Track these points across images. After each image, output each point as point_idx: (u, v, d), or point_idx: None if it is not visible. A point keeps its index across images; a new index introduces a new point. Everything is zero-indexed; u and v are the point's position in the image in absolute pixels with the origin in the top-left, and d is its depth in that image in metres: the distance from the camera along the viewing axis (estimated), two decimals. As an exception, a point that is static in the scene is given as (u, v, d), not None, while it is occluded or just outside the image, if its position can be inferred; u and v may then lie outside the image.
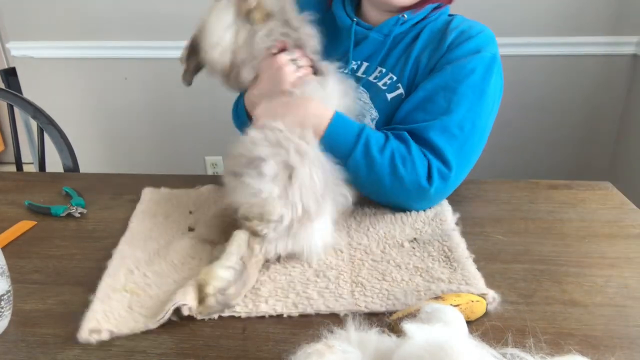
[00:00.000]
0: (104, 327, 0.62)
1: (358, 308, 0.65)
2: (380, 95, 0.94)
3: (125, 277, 0.72)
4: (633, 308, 0.66)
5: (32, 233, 0.86)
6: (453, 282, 0.69)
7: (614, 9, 1.89)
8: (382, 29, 0.95)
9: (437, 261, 0.75)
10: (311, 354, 0.45)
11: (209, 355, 0.58)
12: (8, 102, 1.33)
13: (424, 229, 0.83)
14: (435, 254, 0.77)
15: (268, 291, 0.69)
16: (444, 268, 0.73)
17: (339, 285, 0.70)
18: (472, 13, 1.00)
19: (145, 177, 1.08)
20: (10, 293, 0.62)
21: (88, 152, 2.26)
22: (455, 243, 0.78)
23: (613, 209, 0.92)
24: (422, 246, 0.79)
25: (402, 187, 0.83)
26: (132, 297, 0.68)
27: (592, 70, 1.98)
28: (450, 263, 0.74)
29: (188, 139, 2.24)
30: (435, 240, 0.80)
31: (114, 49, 2.11)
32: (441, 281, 0.70)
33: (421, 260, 0.75)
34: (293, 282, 0.70)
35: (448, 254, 0.76)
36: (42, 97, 1.92)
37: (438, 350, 0.42)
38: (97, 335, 0.61)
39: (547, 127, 2.07)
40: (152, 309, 0.65)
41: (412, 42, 0.95)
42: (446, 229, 0.83)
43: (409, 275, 0.72)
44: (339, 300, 0.67)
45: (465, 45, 0.88)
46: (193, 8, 2.01)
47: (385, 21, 0.95)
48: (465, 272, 0.71)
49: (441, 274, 0.71)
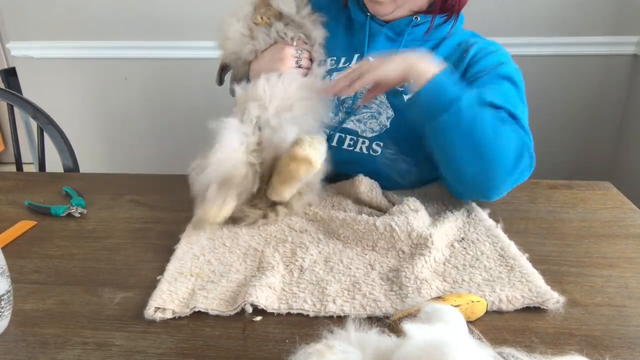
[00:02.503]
0: (168, 306, 0.65)
1: None
2: (398, 96, 0.95)
3: (192, 262, 0.76)
4: (633, 308, 0.66)
5: (32, 233, 0.86)
6: (514, 283, 0.69)
7: (614, 9, 1.89)
8: (394, 26, 0.98)
9: (493, 260, 0.75)
10: (311, 354, 0.45)
11: (209, 355, 0.58)
12: (8, 102, 1.33)
13: (467, 228, 0.83)
14: (488, 252, 0.76)
15: (335, 291, 0.68)
16: (500, 267, 0.73)
17: (403, 285, 0.69)
18: (473, 13, 1.00)
19: (145, 177, 1.08)
20: (10, 293, 0.62)
21: (88, 152, 2.26)
22: (505, 241, 0.79)
23: (613, 209, 0.92)
24: (473, 245, 0.79)
25: (502, 146, 0.78)
26: (196, 280, 0.72)
27: (592, 70, 1.98)
28: (506, 261, 0.74)
29: (188, 139, 2.24)
30: (483, 239, 0.80)
31: (114, 49, 2.11)
32: (500, 280, 0.69)
33: (476, 259, 0.75)
34: (358, 284, 0.70)
35: (501, 252, 0.76)
36: (42, 97, 1.92)
37: (438, 351, 0.42)
38: (161, 314, 0.64)
39: (547, 127, 2.07)
40: (212, 292, 0.68)
41: (432, 50, 0.96)
42: (489, 226, 0.83)
43: (469, 275, 0.71)
44: (405, 300, 0.66)
45: (489, 58, 0.91)
46: (193, 8, 2.01)
47: (397, 20, 0.97)
48: (524, 270, 0.71)
49: (499, 273, 0.71)
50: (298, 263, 0.75)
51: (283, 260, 0.76)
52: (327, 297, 0.67)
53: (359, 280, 0.71)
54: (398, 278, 0.71)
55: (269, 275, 0.70)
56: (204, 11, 2.01)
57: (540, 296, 0.66)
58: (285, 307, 0.65)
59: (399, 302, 0.66)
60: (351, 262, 0.75)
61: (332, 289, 0.68)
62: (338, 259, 0.76)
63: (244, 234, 0.84)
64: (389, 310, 0.64)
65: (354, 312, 0.64)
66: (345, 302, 0.66)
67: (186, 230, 0.84)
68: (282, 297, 0.67)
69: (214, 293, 0.68)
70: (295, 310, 0.65)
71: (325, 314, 0.64)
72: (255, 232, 0.84)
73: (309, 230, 0.85)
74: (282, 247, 0.80)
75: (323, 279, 0.71)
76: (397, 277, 0.71)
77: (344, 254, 0.77)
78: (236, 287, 0.70)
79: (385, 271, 0.73)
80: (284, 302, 0.66)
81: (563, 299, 0.65)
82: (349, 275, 0.72)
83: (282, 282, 0.70)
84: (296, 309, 0.65)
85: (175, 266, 0.75)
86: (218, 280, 0.71)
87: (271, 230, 0.85)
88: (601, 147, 2.10)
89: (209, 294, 0.68)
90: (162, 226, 0.87)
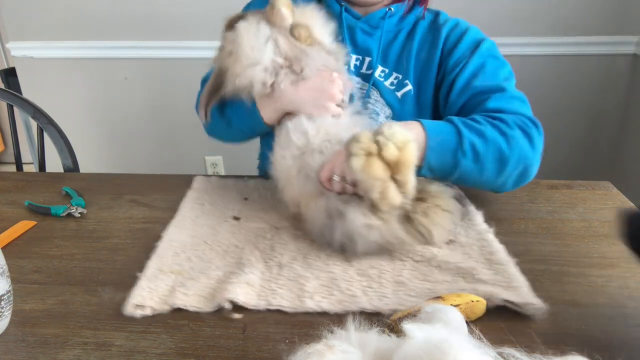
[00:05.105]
0: (147, 303, 0.66)
1: (403, 308, 0.64)
2: (390, 94, 0.96)
3: (172, 259, 0.76)
4: (633, 308, 0.65)
5: (32, 233, 0.86)
6: (497, 286, 0.68)
7: (614, 9, 1.89)
8: (369, 20, 0.97)
9: (480, 263, 0.74)
10: (311, 354, 0.45)
11: (209, 355, 0.58)
12: (8, 102, 1.33)
13: (458, 231, 0.82)
14: (475, 255, 0.76)
15: (313, 287, 0.69)
16: (486, 270, 0.72)
17: (382, 284, 0.69)
18: (473, 13, 1.00)
19: (145, 177, 1.08)
20: (10, 293, 0.62)
21: (88, 152, 2.26)
22: (494, 245, 0.78)
23: (613, 209, 0.92)
24: (461, 248, 0.78)
25: (517, 145, 0.81)
26: (176, 278, 0.72)
27: (592, 70, 1.98)
28: (492, 265, 0.73)
29: (188, 139, 2.24)
30: (472, 242, 0.79)
31: (114, 49, 2.11)
32: (484, 283, 0.69)
33: (462, 261, 0.74)
34: (336, 280, 0.71)
35: (488, 256, 0.75)
36: (42, 97, 1.92)
37: (438, 350, 0.42)
38: (140, 311, 0.65)
39: (547, 126, 2.05)
40: (191, 289, 0.69)
41: (408, 38, 0.98)
42: (480, 230, 0.82)
43: (451, 276, 0.71)
44: (382, 299, 0.66)
45: (464, 42, 0.93)
46: (193, 8, 2.01)
47: (371, 13, 0.97)
48: (507, 274, 0.70)
49: (484, 275, 0.71)
50: (277, 259, 0.76)
51: (262, 256, 0.77)
52: (306, 293, 0.68)
53: (337, 277, 0.71)
54: (378, 275, 0.71)
55: (247, 272, 0.71)
56: (204, 11, 2.01)
57: (520, 299, 0.64)
58: (264, 304, 0.66)
59: (376, 299, 0.66)
60: (329, 258, 0.76)
61: (311, 286, 0.69)
62: (316, 255, 0.77)
63: (225, 231, 0.84)
64: (367, 306, 0.65)
65: (332, 308, 0.65)
66: (323, 298, 0.67)
67: (168, 228, 0.85)
68: (261, 293, 0.68)
69: (193, 290, 0.69)
70: (273, 307, 0.66)
71: (303, 310, 0.65)
72: (237, 229, 0.85)
73: (288, 227, 0.85)
74: (261, 243, 0.80)
75: (302, 275, 0.72)
76: (377, 275, 0.72)
77: (321, 250, 0.78)
78: (215, 284, 0.70)
79: (364, 267, 0.74)
80: (262, 299, 0.67)
81: (545, 305, 0.64)
82: (327, 272, 0.73)
83: (261, 278, 0.71)
84: (275, 306, 0.66)
85: (155, 263, 0.75)
86: (197, 277, 0.72)
87: (251, 226, 0.86)
88: (601, 147, 2.10)
89: (188, 290, 0.69)
90: (162, 226, 0.87)
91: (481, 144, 0.80)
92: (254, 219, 0.88)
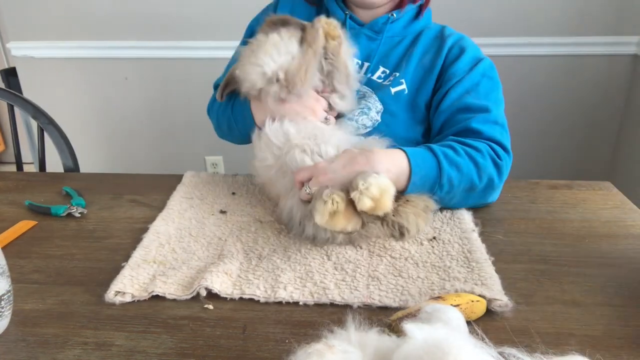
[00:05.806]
0: (128, 290, 0.68)
1: (371, 301, 0.66)
2: (384, 90, 0.98)
3: (156, 250, 0.78)
4: (633, 308, 0.65)
5: (32, 233, 0.86)
6: (468, 282, 0.69)
7: (615, 9, 1.89)
8: (373, 26, 1.00)
9: (456, 260, 0.75)
10: (311, 354, 0.45)
11: (209, 355, 0.58)
12: (8, 102, 1.33)
13: (443, 228, 0.84)
14: (454, 253, 0.77)
15: (288, 279, 0.70)
16: (461, 267, 0.73)
17: (355, 278, 0.71)
18: (473, 13, 1.00)
19: (145, 177, 1.08)
20: (10, 293, 0.62)
21: (88, 152, 2.26)
22: (475, 244, 0.79)
23: (613, 209, 0.92)
24: (442, 245, 0.79)
25: (486, 176, 0.86)
26: (158, 267, 0.74)
27: (592, 70, 1.98)
28: (469, 263, 0.74)
29: (188, 139, 2.25)
30: (455, 240, 0.80)
31: (114, 49, 2.11)
32: (457, 280, 0.70)
33: (439, 258, 0.75)
34: (312, 272, 0.72)
35: (467, 254, 0.76)
36: (42, 97, 1.93)
37: (439, 350, 0.42)
38: (121, 298, 0.67)
39: (547, 126, 2.07)
40: (171, 278, 0.71)
41: (412, 45, 1.00)
42: (465, 229, 0.83)
43: (425, 272, 0.72)
44: (353, 292, 0.68)
45: (465, 57, 0.96)
46: (193, 8, 2.01)
47: (375, 19, 1.00)
48: (483, 273, 0.71)
49: (458, 273, 0.71)
50: (258, 252, 0.78)
51: (244, 248, 0.78)
52: (280, 284, 0.69)
53: (313, 270, 0.73)
54: (353, 270, 0.73)
55: (227, 262, 0.73)
56: (204, 11, 2.01)
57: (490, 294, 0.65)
58: (238, 293, 0.68)
59: (347, 292, 0.68)
60: (308, 252, 0.77)
61: (286, 277, 0.71)
62: (297, 248, 0.78)
63: (211, 224, 0.86)
64: (336, 298, 0.66)
65: (302, 299, 0.67)
66: (295, 289, 0.69)
67: (155, 221, 0.87)
68: (237, 283, 0.70)
69: (173, 279, 0.71)
70: (247, 296, 0.68)
71: (274, 299, 0.67)
72: (222, 222, 0.87)
73: (272, 221, 0.87)
74: (245, 236, 0.82)
75: (279, 267, 0.73)
76: (353, 269, 0.73)
77: (302, 244, 0.79)
78: (195, 274, 0.72)
79: (341, 262, 0.75)
80: (237, 288, 0.69)
81: (511, 303, 0.64)
82: (304, 265, 0.74)
83: (239, 269, 0.73)
84: (248, 294, 0.68)
85: (140, 254, 0.77)
86: (179, 267, 0.74)
87: (237, 220, 0.88)
88: (601, 147, 2.10)
89: (168, 279, 0.70)
90: (162, 226, 0.87)
91: (457, 178, 0.83)
92: (240, 213, 0.90)
